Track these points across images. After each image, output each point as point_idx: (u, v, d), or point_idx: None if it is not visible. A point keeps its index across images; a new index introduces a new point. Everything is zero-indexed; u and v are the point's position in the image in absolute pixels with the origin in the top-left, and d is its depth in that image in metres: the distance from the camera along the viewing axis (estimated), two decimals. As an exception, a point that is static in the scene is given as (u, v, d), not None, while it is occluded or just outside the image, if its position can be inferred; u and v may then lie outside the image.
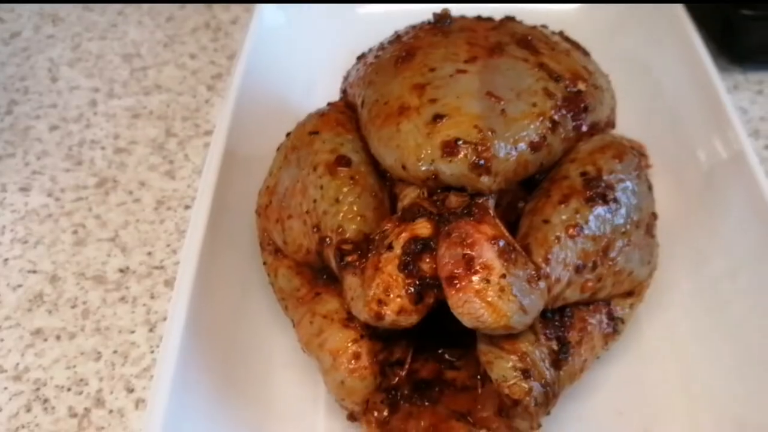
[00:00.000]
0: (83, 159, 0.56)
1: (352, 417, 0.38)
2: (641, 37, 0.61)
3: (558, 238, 0.37)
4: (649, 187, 0.42)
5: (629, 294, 0.41)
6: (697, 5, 0.62)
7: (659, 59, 0.59)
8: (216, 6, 0.73)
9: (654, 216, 0.42)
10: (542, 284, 0.35)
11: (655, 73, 0.58)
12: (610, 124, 0.45)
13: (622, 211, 0.39)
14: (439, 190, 0.38)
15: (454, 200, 0.37)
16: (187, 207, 0.52)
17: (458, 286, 0.34)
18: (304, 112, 0.49)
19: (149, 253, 0.49)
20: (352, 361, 0.37)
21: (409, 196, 0.39)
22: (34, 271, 0.48)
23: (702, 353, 0.42)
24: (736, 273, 0.43)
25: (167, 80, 0.64)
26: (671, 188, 0.49)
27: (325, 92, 0.54)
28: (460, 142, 0.37)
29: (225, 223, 0.44)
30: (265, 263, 0.45)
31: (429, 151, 0.37)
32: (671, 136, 0.53)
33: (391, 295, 0.35)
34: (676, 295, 0.45)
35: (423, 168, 0.38)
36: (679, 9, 0.57)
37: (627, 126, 0.49)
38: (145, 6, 0.72)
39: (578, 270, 0.37)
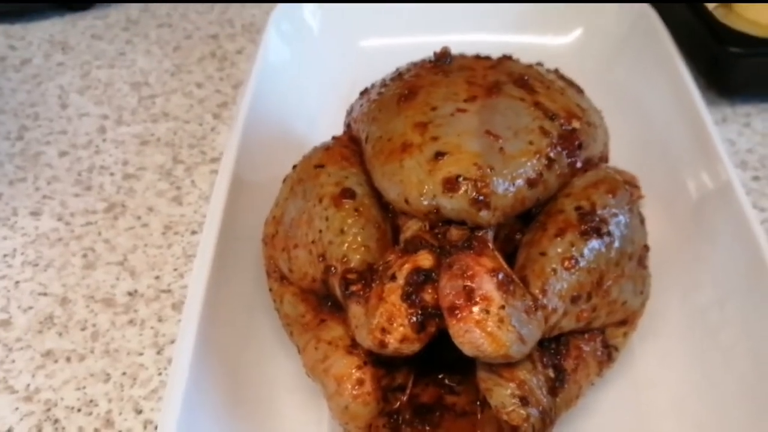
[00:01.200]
0: (92, 184, 0.58)
1: (355, 441, 0.40)
2: (632, 72, 0.64)
3: (554, 270, 0.39)
4: (641, 221, 0.44)
5: (623, 323, 0.43)
6: (687, 42, 0.65)
7: (650, 93, 0.61)
8: (222, 36, 0.75)
9: (646, 248, 0.44)
10: (540, 314, 0.37)
11: (646, 107, 0.61)
12: (604, 158, 0.47)
13: (616, 244, 0.40)
14: (440, 224, 0.40)
15: (454, 233, 0.39)
16: (194, 232, 0.54)
17: (459, 316, 0.35)
18: (308, 142, 0.51)
19: (157, 277, 0.51)
20: (356, 387, 0.38)
21: (411, 228, 0.41)
22: (45, 294, 0.49)
23: (693, 379, 0.44)
24: (725, 302, 0.45)
25: (174, 108, 0.66)
26: (662, 218, 0.51)
27: (328, 122, 0.56)
28: (461, 179, 0.39)
29: (232, 249, 0.46)
30: (271, 290, 0.46)
31: (431, 187, 0.39)
32: (662, 168, 0.55)
33: (395, 324, 0.37)
34: (668, 324, 0.47)
35: (425, 203, 0.39)
36: (670, 45, 0.60)
37: (619, 157, 0.51)
38: (153, 35, 0.75)
39: (574, 300, 0.39)
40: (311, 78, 0.64)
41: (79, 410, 0.43)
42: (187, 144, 0.62)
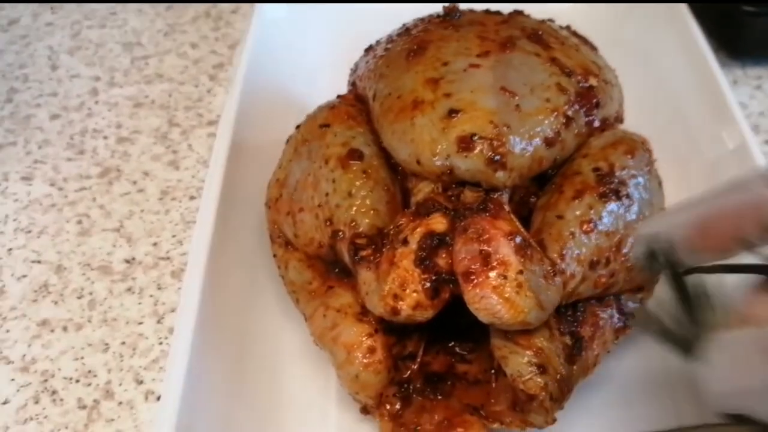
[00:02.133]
0: (85, 148, 0.56)
1: (365, 410, 0.39)
2: (643, 33, 0.62)
3: (572, 233, 0.37)
4: (659, 183, 0.42)
5: (639, 289, 0.41)
6: (697, 1, 0.63)
7: (661, 54, 0.59)
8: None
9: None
10: (558, 280, 0.36)
11: (658, 68, 0.59)
12: (619, 119, 0.46)
13: (635, 207, 0.39)
14: (453, 185, 0.38)
15: (469, 195, 0.38)
16: (192, 198, 0.52)
17: (475, 281, 0.34)
18: (310, 102, 0.49)
19: (155, 244, 0.49)
20: (367, 355, 0.37)
21: (423, 190, 0.39)
22: (39, 261, 0.48)
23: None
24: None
25: (169, 69, 0.63)
26: (674, 182, 0.50)
27: (329, 81, 0.54)
28: (476, 138, 0.37)
29: (233, 214, 0.44)
30: (275, 256, 0.44)
31: (444, 146, 0.37)
32: (674, 130, 0.53)
33: (407, 290, 0.35)
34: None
35: (438, 163, 0.38)
36: (681, 4, 0.57)
37: (630, 119, 0.49)
38: (145, -7, 0.72)
39: (592, 265, 0.37)
40: (310, 36, 0.61)
41: (77, 381, 0.41)
42: (183, 106, 0.60)
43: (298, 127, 0.46)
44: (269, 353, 0.42)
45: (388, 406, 0.38)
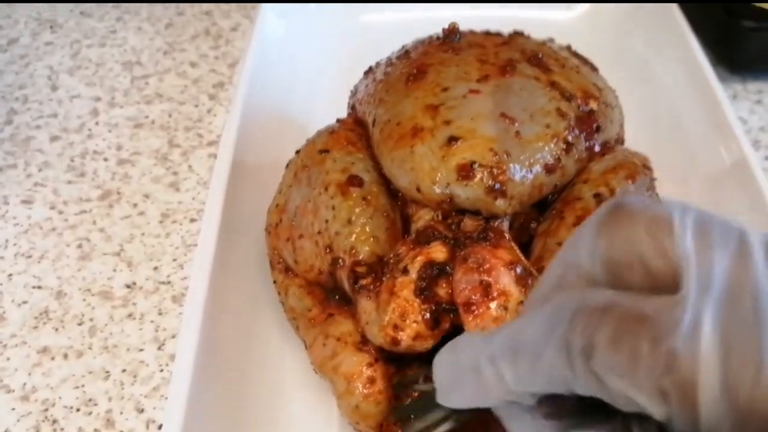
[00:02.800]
0: (86, 170, 0.56)
1: (367, 440, 0.38)
2: (643, 48, 0.62)
3: (573, 261, 0.37)
4: (660, 208, 0.42)
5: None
6: (697, 15, 0.63)
7: (660, 69, 0.59)
8: (216, 12, 0.72)
9: (665, 236, 0.42)
10: (558, 309, 0.36)
11: (657, 83, 0.59)
12: (620, 140, 0.46)
13: (635, 233, 0.39)
14: (453, 213, 0.38)
15: (469, 224, 0.38)
16: (192, 220, 0.52)
17: (476, 312, 0.34)
18: (310, 123, 0.49)
19: (156, 268, 0.49)
20: (367, 386, 0.37)
21: (423, 218, 0.39)
22: (39, 287, 0.48)
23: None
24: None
25: (168, 89, 0.63)
26: (675, 198, 0.50)
27: (330, 101, 0.54)
28: (476, 166, 0.37)
29: (234, 238, 0.44)
30: (275, 282, 0.44)
31: (444, 175, 0.37)
32: (674, 146, 0.53)
33: (407, 321, 0.35)
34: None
35: (438, 191, 0.38)
36: (680, 18, 0.57)
37: (630, 135, 0.49)
38: (144, 12, 0.72)
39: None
40: (311, 55, 0.62)
41: (78, 410, 0.41)
42: (183, 127, 0.60)
43: (297, 152, 0.46)
44: (270, 381, 0.42)
45: None
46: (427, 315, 0.35)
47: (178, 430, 0.34)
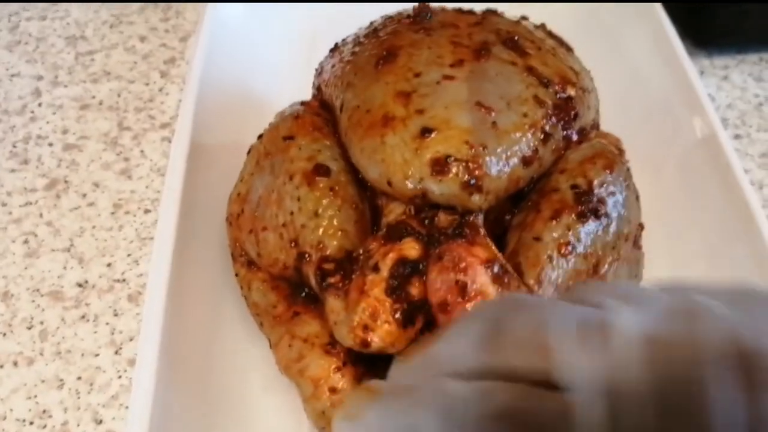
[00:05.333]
0: (30, 157, 0.52)
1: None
2: (608, 24, 0.60)
3: (550, 257, 0.36)
4: (637, 197, 0.41)
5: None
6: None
7: (629, 46, 0.58)
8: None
9: (641, 227, 0.41)
10: (537, 308, 0.34)
11: (627, 60, 0.57)
12: (595, 126, 0.44)
13: (613, 226, 0.38)
14: (426, 208, 0.36)
15: (443, 219, 0.36)
16: (146, 211, 0.49)
17: (452, 313, 0.33)
18: (270, 102, 0.46)
19: (109, 265, 0.46)
20: (334, 391, 0.35)
21: (394, 212, 0.37)
22: (-17, 288, 0.44)
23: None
24: (719, 276, 0.43)
25: (116, 66, 0.59)
26: (646, 181, 0.49)
27: (291, 77, 0.51)
28: (451, 160, 0.35)
29: (193, 229, 0.42)
30: (237, 275, 0.42)
31: (417, 169, 0.35)
32: (644, 124, 0.52)
33: (378, 321, 0.34)
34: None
35: (410, 186, 0.36)
36: (651, -2, 0.56)
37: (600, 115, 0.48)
38: (87, -19, 0.67)
39: (569, 289, 0.36)
40: (270, 28, 0.58)
41: (31, 423, 0.38)
42: (133, 107, 0.56)
43: (260, 136, 0.43)
44: (237, 383, 0.40)
45: None
46: (399, 315, 0.34)
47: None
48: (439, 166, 0.35)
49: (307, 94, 0.46)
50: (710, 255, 0.44)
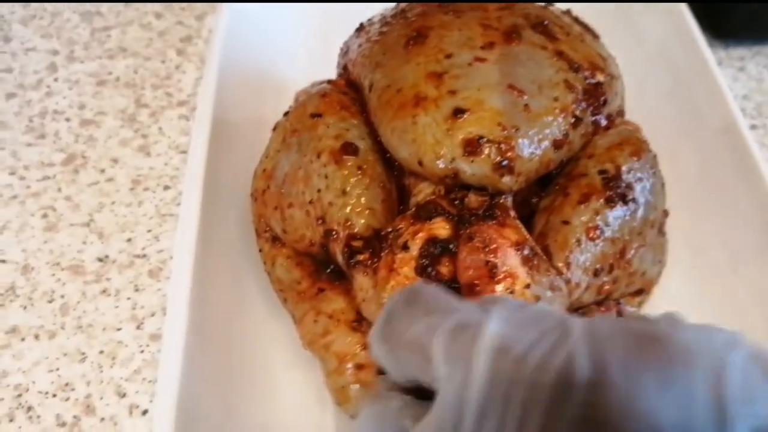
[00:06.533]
0: (46, 132, 0.51)
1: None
2: (632, 15, 0.60)
3: (579, 240, 0.36)
4: (662, 184, 0.41)
5: (638, 292, 0.41)
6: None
7: (649, 35, 0.58)
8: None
9: (665, 213, 0.42)
10: (565, 290, 0.35)
11: (647, 49, 0.57)
12: (621, 113, 0.44)
13: (640, 211, 0.38)
14: (456, 188, 0.36)
15: (473, 200, 0.36)
16: (166, 187, 0.49)
17: (480, 294, 0.33)
18: (292, 79, 0.46)
19: (129, 240, 0.46)
20: (359, 369, 0.35)
21: (423, 191, 0.37)
22: (3, 261, 0.44)
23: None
24: (738, 262, 0.43)
25: (132, 43, 0.59)
26: (666, 169, 0.49)
27: (313, 55, 0.51)
28: (483, 140, 0.35)
29: (217, 204, 0.41)
30: (261, 250, 0.42)
31: (449, 149, 0.35)
32: (663, 112, 0.52)
33: (409, 300, 0.34)
34: (680, 286, 0.44)
35: (442, 166, 0.36)
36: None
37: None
38: (102, -44, 0.66)
39: (596, 273, 0.36)
40: (288, 6, 0.58)
41: (54, 395, 0.38)
42: (150, 84, 0.56)
43: (286, 113, 0.43)
44: (262, 359, 0.40)
45: None
46: None
47: (171, 415, 0.32)
48: (472, 147, 0.35)
49: (324, 74, 0.46)
50: (729, 242, 0.44)
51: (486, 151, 0.35)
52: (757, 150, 0.44)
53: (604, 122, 0.40)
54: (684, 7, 0.55)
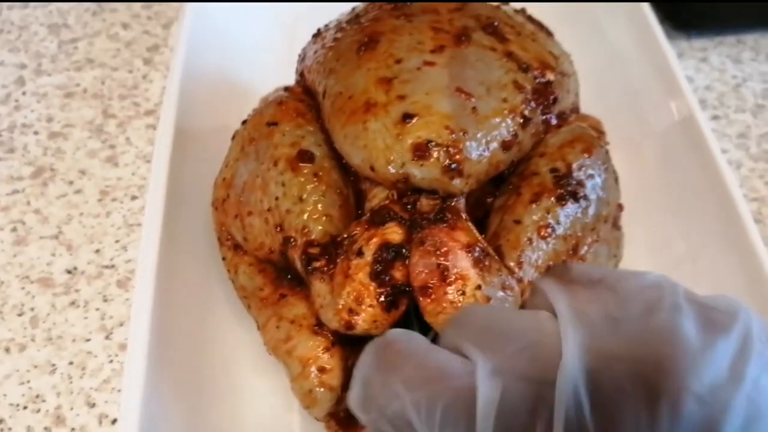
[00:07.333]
0: (15, 146, 0.52)
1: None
2: (592, 9, 0.61)
3: (530, 239, 0.36)
4: (616, 179, 0.42)
5: (596, 285, 0.41)
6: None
7: (607, 28, 0.58)
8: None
9: (620, 207, 0.42)
10: (516, 290, 0.35)
11: (606, 43, 0.58)
12: (575, 109, 0.45)
13: (592, 208, 0.38)
14: (409, 192, 0.37)
15: (425, 203, 0.36)
16: (133, 197, 0.50)
17: (433, 296, 0.33)
18: (253, 86, 0.47)
19: (97, 251, 0.46)
20: (323, 372, 0.36)
21: (377, 197, 0.38)
22: (-28, 277, 0.45)
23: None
24: (697, 254, 0.44)
25: (100, 54, 0.59)
26: (625, 161, 0.50)
27: (274, 62, 0.52)
28: (432, 145, 0.36)
29: (180, 214, 0.42)
30: (224, 259, 0.43)
31: (399, 154, 0.36)
32: (623, 105, 0.53)
33: (363, 305, 0.34)
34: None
35: (392, 171, 0.36)
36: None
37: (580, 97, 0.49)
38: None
39: (549, 271, 0.37)
40: (252, 13, 0.58)
41: (25, 407, 0.39)
42: (118, 95, 0.56)
43: (244, 122, 0.44)
44: (228, 365, 0.41)
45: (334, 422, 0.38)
46: (383, 298, 0.34)
47: (135, 424, 0.33)
48: (421, 151, 0.36)
49: (289, 79, 0.46)
50: (688, 234, 0.45)
51: (435, 155, 0.36)
52: (715, 142, 0.45)
53: (554, 121, 0.41)
54: (643, 3, 0.55)
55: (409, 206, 0.37)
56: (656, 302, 0.25)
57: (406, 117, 0.36)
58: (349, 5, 0.46)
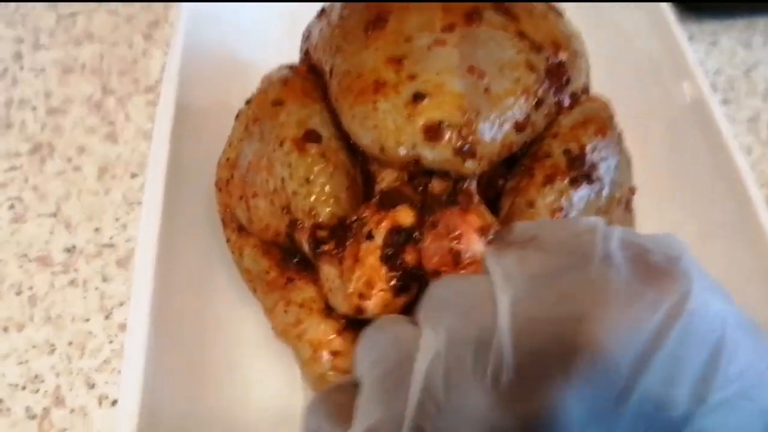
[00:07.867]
0: (12, 121, 0.51)
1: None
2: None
3: (543, 222, 0.36)
4: (628, 162, 0.41)
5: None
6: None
7: (618, 10, 0.57)
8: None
9: (632, 190, 0.42)
10: (528, 273, 0.35)
11: (616, 25, 0.57)
12: (586, 90, 0.44)
13: (605, 190, 0.38)
14: (419, 174, 0.36)
15: (437, 186, 0.36)
16: (133, 175, 0.48)
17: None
18: (257, 63, 0.45)
19: (97, 229, 0.45)
20: (335, 355, 0.35)
21: (387, 179, 0.37)
22: (-31, 254, 0.44)
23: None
24: (707, 236, 0.44)
25: (98, 28, 0.58)
26: (637, 145, 0.49)
27: (276, 36, 0.50)
28: (444, 125, 0.35)
29: (182, 193, 0.41)
30: (228, 240, 0.42)
31: (410, 135, 0.35)
32: (633, 88, 0.52)
33: (374, 289, 0.34)
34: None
35: (403, 152, 0.35)
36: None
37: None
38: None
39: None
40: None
41: (24, 388, 0.38)
42: (117, 71, 0.55)
43: (248, 102, 0.43)
44: (230, 347, 0.40)
45: None
46: (394, 282, 0.34)
47: (136, 406, 0.32)
48: (432, 132, 0.35)
49: (292, 56, 0.45)
50: (699, 218, 0.45)
51: (447, 136, 0.35)
52: (727, 126, 0.44)
53: (567, 101, 0.40)
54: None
55: (420, 188, 0.36)
56: (588, 251, 0.25)
57: (417, 97, 0.35)
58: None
